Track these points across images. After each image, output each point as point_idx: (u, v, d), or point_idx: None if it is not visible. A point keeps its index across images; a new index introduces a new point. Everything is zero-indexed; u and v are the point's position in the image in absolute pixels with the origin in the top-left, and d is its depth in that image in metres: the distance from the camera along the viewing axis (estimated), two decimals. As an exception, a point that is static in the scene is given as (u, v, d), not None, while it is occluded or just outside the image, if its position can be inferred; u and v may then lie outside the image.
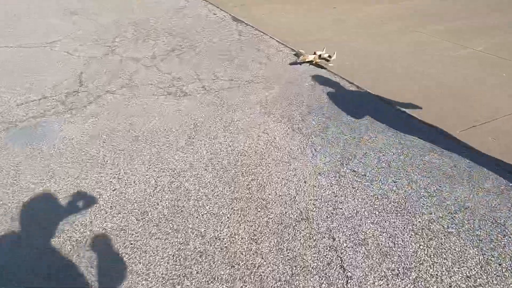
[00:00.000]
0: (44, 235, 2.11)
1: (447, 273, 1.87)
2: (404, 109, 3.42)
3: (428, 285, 1.82)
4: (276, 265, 1.92)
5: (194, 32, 5.75)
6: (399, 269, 1.89)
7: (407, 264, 1.92)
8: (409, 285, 1.82)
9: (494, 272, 1.87)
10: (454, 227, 2.13)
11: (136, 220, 2.21)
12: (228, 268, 1.91)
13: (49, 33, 5.60)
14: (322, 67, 4.44)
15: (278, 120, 3.29)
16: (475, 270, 1.88)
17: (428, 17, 6.50)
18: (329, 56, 4.64)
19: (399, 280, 1.84)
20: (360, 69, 4.35)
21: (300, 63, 4.55)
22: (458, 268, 1.89)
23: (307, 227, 2.15)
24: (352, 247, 2.01)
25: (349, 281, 1.84)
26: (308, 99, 3.67)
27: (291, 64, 4.54)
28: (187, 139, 2.99)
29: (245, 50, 4.99)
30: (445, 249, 2.00)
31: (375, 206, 2.29)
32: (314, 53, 4.59)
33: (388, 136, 3.01)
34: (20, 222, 2.19)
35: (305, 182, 2.52)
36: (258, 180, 2.54)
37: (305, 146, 2.91)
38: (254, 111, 3.44)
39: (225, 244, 2.05)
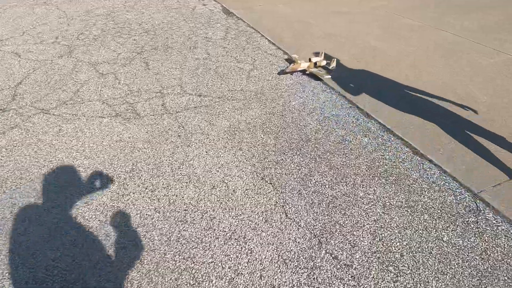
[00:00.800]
0: None
1: None
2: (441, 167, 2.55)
3: None
4: None
5: (174, 28, 4.91)
6: None
7: None
8: None
9: None
10: None
11: None
12: None
13: (4, 27, 4.85)
14: (317, 78, 3.56)
15: (247, 159, 2.47)
16: None
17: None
18: (328, 64, 3.74)
19: None
20: (368, 82, 3.46)
21: (291, 73, 3.67)
22: None
23: None
24: None
25: None
26: (292, 127, 2.83)
27: (279, 73, 3.68)
28: (112, 195, 2.21)
29: (228, 53, 4.14)
30: None
31: None
32: (309, 60, 3.70)
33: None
34: None
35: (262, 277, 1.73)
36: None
37: (273, 208, 2.10)
38: (217, 144, 2.63)
39: None
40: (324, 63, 3.73)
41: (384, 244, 1.89)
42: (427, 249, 1.85)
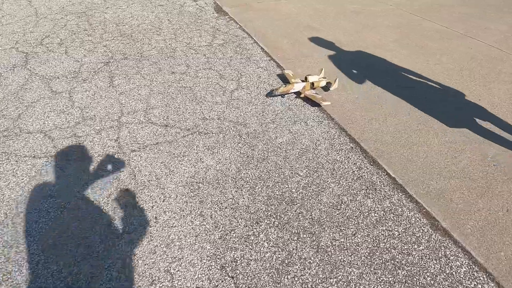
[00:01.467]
0: None
1: None
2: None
3: None
4: None
5: (155, 31, 4.25)
6: None
7: None
8: None
9: None
10: None
11: None
12: None
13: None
14: (314, 103, 2.89)
15: (207, 233, 1.86)
16: None
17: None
18: (329, 83, 3.06)
19: None
20: (378, 113, 2.77)
21: (282, 95, 3.00)
22: None
23: None
24: None
25: None
26: (274, 179, 2.19)
27: (268, 95, 3.01)
28: None
29: (211, 66, 3.48)
30: None
31: None
32: (305, 79, 3.02)
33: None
34: None
35: None
36: None
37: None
38: (172, 205, 2.01)
39: None
40: (323, 83, 3.04)
41: None
42: None
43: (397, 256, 1.75)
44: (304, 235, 1.85)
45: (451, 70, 3.43)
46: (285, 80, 3.21)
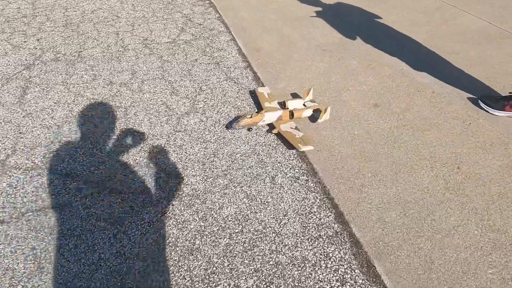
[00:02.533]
0: None
1: None
2: None
3: None
4: None
5: (110, 19, 3.34)
6: None
7: None
8: None
9: None
10: None
11: None
12: None
13: None
14: (292, 146, 1.96)
15: None
16: None
17: None
18: (317, 111, 2.12)
19: None
20: (384, 170, 1.84)
21: (249, 129, 2.08)
22: None
23: None
24: None
25: None
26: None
27: (228, 127, 2.10)
28: None
29: (165, 73, 2.58)
30: None
31: None
32: (284, 106, 2.09)
33: None
34: None
35: None
36: None
37: None
38: None
39: None
40: (308, 113, 2.09)
41: None
42: None
43: None
44: None
45: None
46: (258, 102, 2.28)
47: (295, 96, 2.36)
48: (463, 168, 1.86)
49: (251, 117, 1.98)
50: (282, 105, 2.16)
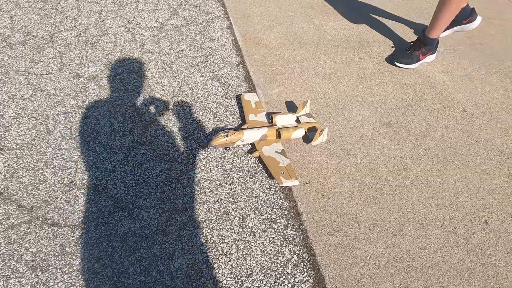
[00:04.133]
0: None
1: None
2: None
3: None
4: None
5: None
6: None
7: None
8: None
9: None
10: None
11: None
12: None
13: None
14: (273, 176, 1.57)
15: None
16: None
17: None
18: (311, 129, 1.70)
19: None
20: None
21: (226, 149, 1.70)
22: None
23: None
24: None
25: None
26: None
27: (204, 145, 1.73)
28: None
29: (139, 68, 2.21)
30: None
31: None
32: (271, 122, 1.69)
33: None
34: None
35: None
36: None
37: None
38: None
39: None
40: (299, 133, 1.68)
41: None
42: None
43: None
44: None
45: None
46: (226, 135, 1.88)
47: (290, 106, 1.94)
48: (493, 223, 1.43)
49: (227, 135, 1.59)
50: (270, 119, 1.75)
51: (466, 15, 2.13)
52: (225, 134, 1.59)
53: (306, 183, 1.56)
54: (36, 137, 1.75)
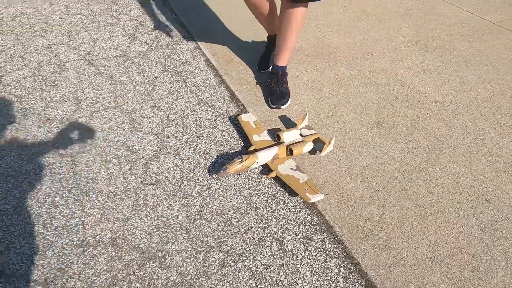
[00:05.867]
0: None
1: None
2: None
3: None
4: None
5: (38, 27, 2.68)
6: None
7: None
8: None
9: None
10: None
11: None
12: None
13: None
14: (295, 192, 1.58)
15: None
16: None
17: None
18: (318, 141, 1.75)
19: None
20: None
21: (239, 174, 1.67)
22: None
23: None
24: None
25: None
26: None
27: (213, 175, 1.67)
28: None
29: (117, 104, 2.06)
30: None
31: None
32: (278, 140, 1.70)
33: None
34: None
35: None
36: None
37: None
38: None
39: None
40: (310, 147, 1.72)
41: None
42: None
43: None
44: None
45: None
46: (243, 131, 1.86)
47: (285, 121, 1.97)
48: (492, 200, 1.61)
49: (241, 161, 1.56)
50: (276, 137, 1.76)
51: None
52: (240, 160, 1.57)
53: (326, 194, 1.60)
54: (22, 198, 1.54)
